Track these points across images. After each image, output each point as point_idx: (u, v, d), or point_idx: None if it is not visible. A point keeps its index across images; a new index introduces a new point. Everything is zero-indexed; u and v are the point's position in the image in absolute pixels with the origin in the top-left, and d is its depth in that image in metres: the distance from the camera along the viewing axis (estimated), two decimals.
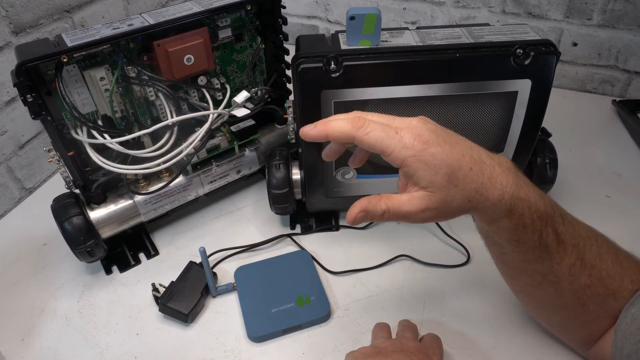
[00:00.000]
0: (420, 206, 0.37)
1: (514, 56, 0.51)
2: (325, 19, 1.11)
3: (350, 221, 0.38)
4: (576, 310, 0.42)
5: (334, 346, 0.52)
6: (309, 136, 0.40)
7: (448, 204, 0.36)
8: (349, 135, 0.38)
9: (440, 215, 0.37)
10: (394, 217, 0.38)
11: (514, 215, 0.37)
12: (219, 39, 0.60)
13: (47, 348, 0.54)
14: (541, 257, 0.40)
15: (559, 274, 0.40)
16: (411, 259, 0.61)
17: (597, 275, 0.40)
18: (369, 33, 0.52)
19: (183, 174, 0.63)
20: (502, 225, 0.38)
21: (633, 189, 0.70)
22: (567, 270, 0.40)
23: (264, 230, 0.67)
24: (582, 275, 0.40)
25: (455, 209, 0.37)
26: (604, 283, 0.40)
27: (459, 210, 0.37)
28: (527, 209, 0.38)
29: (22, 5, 0.68)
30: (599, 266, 0.40)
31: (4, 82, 0.68)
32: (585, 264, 0.40)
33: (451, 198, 0.36)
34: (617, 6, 0.83)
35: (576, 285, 0.40)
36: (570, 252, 0.40)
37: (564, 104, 0.88)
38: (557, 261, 0.40)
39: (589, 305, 0.41)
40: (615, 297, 0.41)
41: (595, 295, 0.41)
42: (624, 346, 0.39)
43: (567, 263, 0.40)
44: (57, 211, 0.56)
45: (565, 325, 0.45)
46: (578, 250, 0.40)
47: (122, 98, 0.56)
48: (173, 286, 0.56)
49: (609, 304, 0.41)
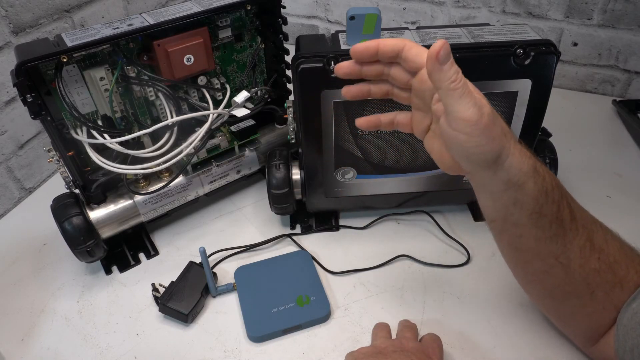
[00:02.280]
0: (476, 102, 0.35)
1: (514, 56, 0.51)
2: (325, 19, 1.11)
3: (434, 55, 0.35)
4: (584, 298, 0.42)
5: (334, 346, 0.52)
6: (357, 52, 0.39)
7: (486, 138, 0.36)
8: (400, 47, 0.38)
9: (483, 130, 0.35)
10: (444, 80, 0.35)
11: (538, 175, 0.38)
12: (219, 39, 0.60)
13: (47, 348, 0.54)
14: (556, 234, 0.40)
15: (570, 256, 0.40)
16: (411, 259, 0.61)
17: (606, 259, 0.41)
18: (369, 33, 0.52)
19: (183, 174, 0.63)
20: (528, 188, 0.38)
21: (633, 189, 0.70)
22: (578, 251, 0.40)
23: (264, 230, 0.66)
24: (592, 258, 0.41)
25: (497, 134, 0.36)
26: (612, 269, 0.41)
27: (498, 139, 0.36)
28: (547, 174, 0.39)
29: (22, 5, 0.68)
30: (606, 251, 0.41)
31: (4, 82, 0.68)
32: (594, 246, 0.41)
33: (488, 138, 0.36)
34: (617, 6, 0.83)
35: (587, 269, 0.41)
36: (582, 232, 0.40)
37: (564, 104, 0.88)
38: (569, 240, 0.40)
39: (597, 293, 0.41)
40: (621, 286, 0.41)
41: (604, 283, 0.41)
42: (626, 341, 0.39)
43: (578, 243, 0.40)
44: (57, 211, 0.56)
45: (572, 317, 0.45)
46: (588, 231, 0.41)
47: (122, 98, 0.56)
48: (173, 286, 0.56)
49: (616, 293, 0.41)
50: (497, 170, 0.38)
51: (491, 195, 0.40)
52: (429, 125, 0.42)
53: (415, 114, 0.43)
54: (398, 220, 0.67)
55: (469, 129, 0.35)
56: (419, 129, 0.43)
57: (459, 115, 0.35)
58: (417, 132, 0.43)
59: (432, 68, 0.35)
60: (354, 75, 0.42)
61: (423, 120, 0.42)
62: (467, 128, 0.35)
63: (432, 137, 0.42)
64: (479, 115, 0.35)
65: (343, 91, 0.44)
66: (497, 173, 0.38)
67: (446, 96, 0.35)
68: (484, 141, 0.36)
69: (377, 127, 0.45)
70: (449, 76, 0.35)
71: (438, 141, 0.41)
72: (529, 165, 0.38)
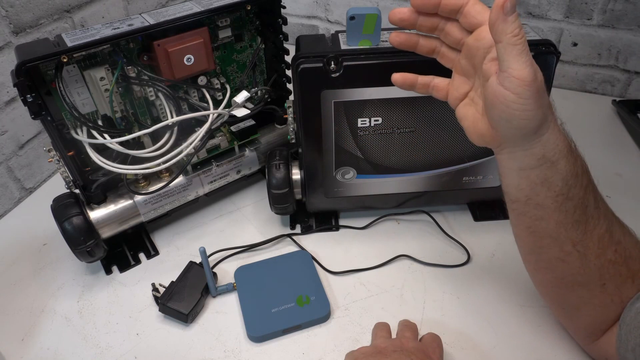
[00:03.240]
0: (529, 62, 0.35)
1: None
2: (325, 19, 1.11)
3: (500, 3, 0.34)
4: (595, 290, 0.42)
5: (334, 346, 0.52)
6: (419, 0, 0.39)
7: (534, 104, 0.35)
8: (465, 0, 0.38)
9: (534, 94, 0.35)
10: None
11: (572, 156, 0.38)
12: (219, 39, 0.60)
13: (47, 348, 0.54)
14: (578, 221, 0.40)
15: (589, 244, 0.40)
16: (411, 259, 0.61)
17: (622, 252, 0.41)
18: (369, 33, 0.52)
19: (183, 174, 0.63)
20: (560, 167, 0.38)
21: (633, 189, 0.70)
22: (597, 241, 0.40)
23: (264, 230, 0.66)
24: (609, 249, 0.40)
25: (544, 102, 0.36)
26: (626, 263, 0.41)
27: (544, 108, 0.36)
28: (580, 157, 0.39)
29: (22, 5, 0.68)
30: (623, 244, 0.41)
31: (4, 82, 0.68)
32: (613, 237, 0.40)
33: (536, 103, 0.35)
34: (617, 6, 0.83)
35: (602, 259, 0.40)
36: (602, 222, 0.40)
37: (564, 104, 0.88)
38: (590, 228, 0.40)
39: (608, 286, 0.41)
40: (632, 281, 0.41)
41: (617, 276, 0.41)
42: (628, 340, 0.39)
43: (598, 233, 0.40)
44: (57, 211, 0.56)
45: (577, 309, 0.45)
46: (608, 221, 0.41)
47: (122, 98, 0.56)
48: (173, 286, 0.56)
49: (626, 287, 0.41)
50: (534, 143, 0.37)
51: (519, 172, 0.39)
52: (467, 92, 0.41)
53: (455, 79, 0.42)
54: (398, 220, 0.67)
55: (520, 89, 0.35)
56: (455, 94, 0.42)
57: (515, 73, 0.34)
58: (453, 98, 0.43)
59: (497, 17, 0.34)
60: (408, 22, 0.41)
61: (462, 86, 0.42)
62: (519, 87, 0.35)
63: (467, 105, 0.41)
64: (533, 76, 0.35)
65: (392, 35, 0.43)
66: (533, 146, 0.37)
67: (505, 51, 0.34)
68: (531, 105, 0.35)
69: (412, 87, 0.44)
70: (512, 29, 0.34)
71: (473, 108, 0.41)
72: (565, 143, 0.38)
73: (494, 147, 0.41)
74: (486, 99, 0.38)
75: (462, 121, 0.42)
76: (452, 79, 0.43)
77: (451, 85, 0.43)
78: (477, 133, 0.41)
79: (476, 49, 0.38)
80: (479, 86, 0.40)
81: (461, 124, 0.42)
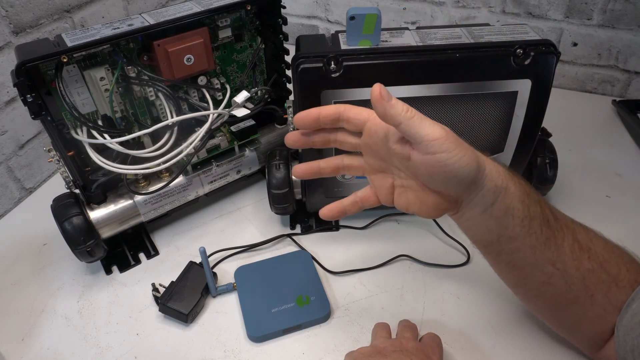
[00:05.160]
0: (442, 133, 0.36)
1: (514, 56, 0.51)
2: (325, 19, 1.11)
3: (378, 95, 0.37)
4: (585, 304, 0.42)
5: (334, 346, 0.52)
6: (300, 118, 0.42)
7: (463, 149, 0.36)
8: (340, 109, 0.41)
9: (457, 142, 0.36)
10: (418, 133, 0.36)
11: (514, 177, 0.39)
12: (219, 39, 0.60)
13: (47, 348, 0.54)
14: (548, 238, 0.40)
15: (565, 259, 0.41)
16: (411, 259, 0.61)
17: (596, 258, 0.41)
18: (369, 33, 0.52)
19: (183, 174, 0.63)
20: (512, 191, 0.39)
21: (633, 189, 0.70)
22: (569, 253, 0.41)
23: (264, 230, 0.67)
24: (583, 258, 0.41)
25: (466, 145, 0.37)
26: (604, 267, 0.41)
27: (470, 148, 0.37)
28: (518, 176, 0.40)
29: (22, 5, 0.68)
30: (594, 249, 0.41)
31: (4, 82, 0.68)
32: (581, 245, 0.41)
33: (463, 148, 0.36)
34: (617, 6, 0.83)
35: (582, 270, 0.41)
36: (566, 232, 0.41)
37: (564, 104, 0.88)
38: (559, 242, 0.41)
39: (597, 296, 0.41)
40: (617, 285, 0.41)
41: (600, 283, 0.41)
42: (626, 341, 0.39)
43: (567, 245, 0.41)
44: (57, 211, 0.56)
45: (576, 326, 0.45)
46: (571, 230, 0.42)
47: (122, 98, 0.56)
48: (173, 286, 0.56)
49: (613, 293, 0.41)
50: (483, 181, 0.38)
51: (483, 214, 0.40)
52: (392, 184, 0.42)
53: (375, 181, 0.44)
54: (398, 220, 0.67)
55: (445, 145, 0.36)
56: (384, 193, 0.43)
57: (430, 137, 0.36)
58: (384, 198, 0.43)
59: (384, 107, 0.37)
60: (301, 143, 0.44)
61: (384, 181, 0.43)
62: (444, 145, 0.36)
63: (402, 193, 0.42)
64: (445, 130, 0.36)
65: (293, 172, 0.45)
66: (484, 184, 0.38)
67: (408, 127, 0.36)
68: (462, 151, 0.36)
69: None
70: (401, 108, 0.36)
71: (410, 192, 0.41)
72: (502, 167, 0.39)
73: (452, 210, 0.41)
74: (421, 174, 0.39)
75: (410, 208, 0.42)
76: (372, 182, 0.44)
77: (376, 189, 0.44)
78: (431, 207, 0.41)
79: (374, 143, 0.41)
80: (399, 171, 0.41)
81: (410, 212, 0.42)
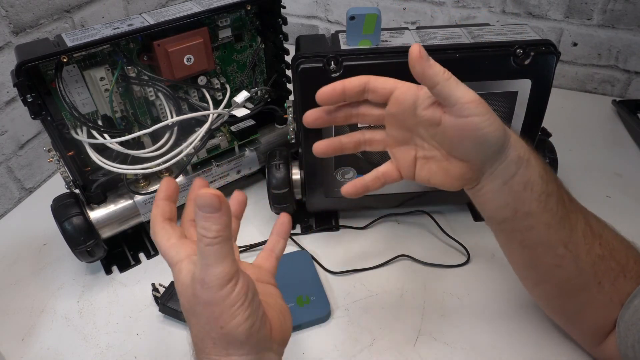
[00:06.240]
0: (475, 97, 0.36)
1: (514, 56, 0.51)
2: (325, 19, 1.11)
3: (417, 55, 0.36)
4: (593, 291, 0.42)
5: (334, 346, 0.52)
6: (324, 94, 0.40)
7: (493, 116, 0.36)
8: (365, 79, 0.40)
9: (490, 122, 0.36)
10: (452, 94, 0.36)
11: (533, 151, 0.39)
12: (219, 39, 0.60)
13: (47, 348, 0.54)
14: (562, 217, 0.40)
15: (577, 241, 0.41)
16: (411, 259, 0.61)
17: (606, 245, 0.41)
18: (369, 33, 0.52)
19: (183, 174, 0.63)
20: (533, 164, 0.39)
21: (633, 189, 0.70)
22: (582, 236, 0.41)
23: (264, 230, 0.66)
24: (595, 244, 0.41)
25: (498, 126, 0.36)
26: (613, 256, 0.41)
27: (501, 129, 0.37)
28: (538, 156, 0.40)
29: (22, 5, 0.68)
30: (605, 237, 0.42)
31: (4, 82, 0.68)
32: (593, 231, 0.41)
33: (493, 115, 0.36)
34: (617, 6, 0.83)
35: (592, 255, 0.41)
36: (580, 215, 0.41)
37: (564, 104, 0.88)
38: (573, 223, 0.41)
39: (604, 284, 0.41)
40: (625, 275, 0.41)
41: (609, 271, 0.41)
42: (627, 337, 0.39)
43: (580, 227, 0.41)
44: (57, 211, 0.56)
45: (579, 314, 0.45)
46: (584, 214, 0.42)
47: (122, 98, 0.56)
48: (173, 286, 0.56)
49: (620, 283, 0.41)
50: (508, 150, 0.38)
51: (503, 187, 0.39)
52: (414, 157, 0.41)
53: (397, 154, 0.42)
54: (398, 220, 0.67)
55: (479, 109, 0.35)
56: (406, 166, 0.42)
57: (466, 99, 0.35)
58: (406, 171, 0.42)
59: (422, 67, 0.35)
60: (322, 121, 0.42)
61: (407, 154, 0.42)
62: (477, 108, 0.35)
63: (425, 165, 0.41)
64: (477, 95, 0.36)
65: (314, 147, 0.43)
66: (508, 153, 0.38)
67: (445, 88, 0.35)
68: (493, 116, 0.36)
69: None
70: (438, 69, 0.35)
71: (433, 163, 0.41)
72: (525, 141, 0.40)
73: (474, 182, 0.40)
74: (449, 140, 0.38)
75: (432, 180, 0.41)
76: (393, 155, 0.43)
77: (397, 161, 0.43)
78: (454, 178, 0.40)
79: (401, 112, 0.40)
80: (423, 141, 0.41)
81: (431, 184, 0.41)
